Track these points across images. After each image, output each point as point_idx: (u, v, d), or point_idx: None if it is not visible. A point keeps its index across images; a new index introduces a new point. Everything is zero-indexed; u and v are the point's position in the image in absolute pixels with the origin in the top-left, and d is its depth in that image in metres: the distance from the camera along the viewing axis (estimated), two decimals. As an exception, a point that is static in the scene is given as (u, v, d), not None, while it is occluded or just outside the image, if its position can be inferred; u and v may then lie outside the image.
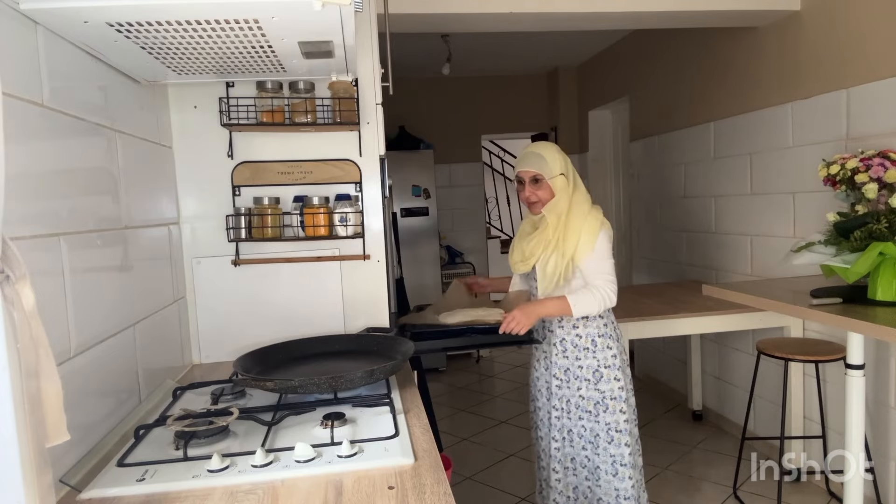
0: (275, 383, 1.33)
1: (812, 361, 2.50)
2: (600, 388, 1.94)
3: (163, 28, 1.15)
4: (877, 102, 2.43)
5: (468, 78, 5.68)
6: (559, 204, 1.92)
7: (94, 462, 1.15)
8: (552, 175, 1.91)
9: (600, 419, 1.94)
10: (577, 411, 1.96)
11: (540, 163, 1.92)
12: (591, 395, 1.95)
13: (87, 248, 1.23)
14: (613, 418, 1.94)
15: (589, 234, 1.88)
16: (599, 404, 1.95)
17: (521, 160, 1.96)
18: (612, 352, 1.97)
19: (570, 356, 1.97)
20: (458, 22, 2.90)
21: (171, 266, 1.77)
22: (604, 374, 1.95)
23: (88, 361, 1.20)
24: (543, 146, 1.96)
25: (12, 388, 0.70)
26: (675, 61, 3.90)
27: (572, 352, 1.97)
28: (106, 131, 1.37)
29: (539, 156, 1.92)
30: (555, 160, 1.92)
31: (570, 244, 1.89)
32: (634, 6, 2.80)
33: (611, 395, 1.94)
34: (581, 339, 1.97)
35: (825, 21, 2.70)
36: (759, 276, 3.15)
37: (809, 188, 2.77)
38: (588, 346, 1.96)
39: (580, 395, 1.96)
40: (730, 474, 2.87)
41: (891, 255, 1.86)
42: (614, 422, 1.94)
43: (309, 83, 1.78)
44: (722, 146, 3.45)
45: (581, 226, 1.89)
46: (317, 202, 1.82)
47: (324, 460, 1.09)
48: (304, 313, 1.89)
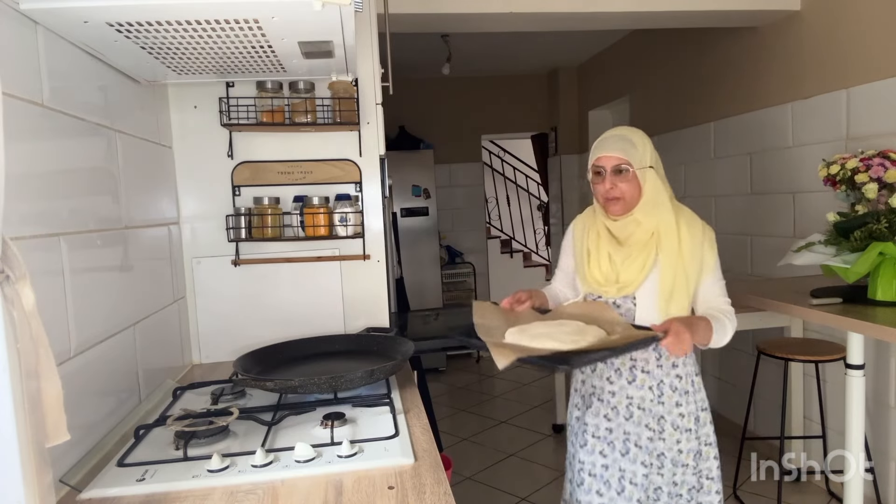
0: (275, 383, 1.33)
1: (812, 361, 2.50)
2: (699, 435, 1.57)
3: (163, 28, 1.15)
4: (877, 102, 2.43)
5: (468, 78, 5.68)
6: (661, 205, 1.51)
7: (94, 462, 1.15)
8: (642, 165, 1.50)
9: (698, 468, 1.58)
10: (674, 467, 1.55)
11: (627, 148, 1.50)
12: (691, 447, 1.56)
13: (87, 248, 1.23)
14: (707, 465, 1.59)
15: (712, 247, 1.53)
16: (698, 454, 1.58)
17: (602, 144, 1.54)
18: (705, 392, 1.61)
19: (668, 402, 1.54)
20: (458, 22, 2.90)
21: (171, 266, 1.77)
22: (701, 417, 1.57)
23: (88, 361, 1.20)
24: (630, 130, 1.57)
25: (12, 388, 0.70)
26: (675, 61, 3.90)
27: (670, 397, 1.55)
28: (106, 131, 1.37)
29: (626, 139, 1.52)
30: (645, 148, 1.53)
31: (694, 262, 1.49)
32: (634, 6, 2.80)
33: (706, 441, 1.58)
34: (681, 380, 1.55)
35: (825, 21, 2.70)
36: (759, 276, 3.15)
37: (809, 188, 2.77)
38: (689, 389, 1.56)
39: (678, 449, 1.55)
40: (730, 474, 2.87)
41: (891, 255, 1.86)
42: (707, 469, 1.59)
43: (309, 83, 1.78)
44: (722, 146, 3.45)
45: (697, 236, 1.51)
46: (317, 202, 1.82)
47: (324, 460, 1.09)
48: (304, 313, 1.89)
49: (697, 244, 1.50)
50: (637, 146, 1.51)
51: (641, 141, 1.54)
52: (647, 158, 1.51)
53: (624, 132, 1.55)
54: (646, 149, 1.53)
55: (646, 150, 1.52)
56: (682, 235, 1.49)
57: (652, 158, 1.53)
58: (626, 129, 1.58)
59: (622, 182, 1.50)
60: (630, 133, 1.55)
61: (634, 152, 1.50)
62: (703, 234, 1.51)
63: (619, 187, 1.50)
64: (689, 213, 1.55)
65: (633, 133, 1.55)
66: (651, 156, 1.53)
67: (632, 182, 1.50)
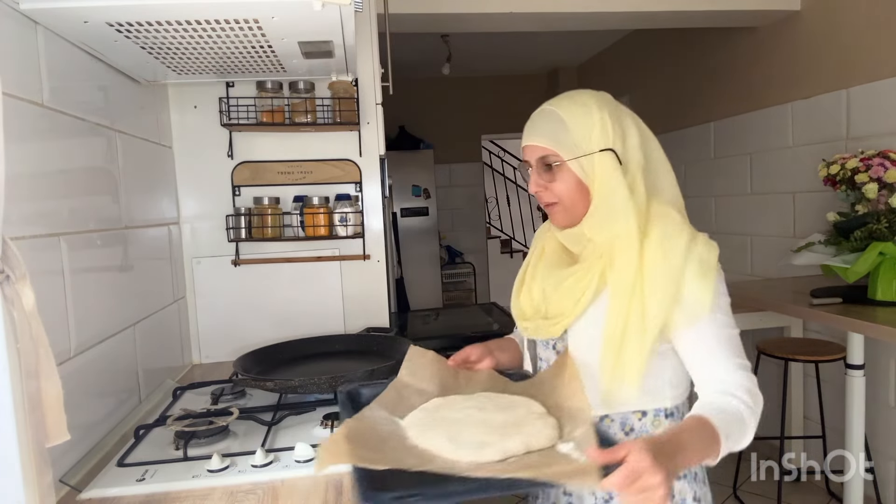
0: (275, 383, 1.33)
1: (812, 361, 2.49)
2: None
3: (163, 28, 1.15)
4: (877, 102, 2.43)
5: (468, 78, 5.68)
6: (618, 211, 1.00)
7: (94, 462, 1.15)
8: (582, 151, 1.01)
9: None
10: None
11: (555, 131, 1.02)
12: None
13: (87, 248, 1.23)
14: None
15: (703, 277, 0.96)
16: None
17: (526, 127, 1.08)
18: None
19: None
20: (458, 22, 2.90)
21: (171, 266, 1.77)
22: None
23: (88, 361, 1.20)
24: (569, 98, 1.06)
25: (12, 388, 0.70)
26: (675, 61, 3.90)
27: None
28: (106, 131, 1.37)
29: (554, 117, 1.03)
30: (589, 123, 1.01)
31: (663, 297, 0.96)
32: (634, 6, 2.80)
33: None
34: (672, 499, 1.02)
35: (825, 21, 2.70)
36: (759, 276, 3.15)
37: (809, 188, 2.77)
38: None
39: None
40: (730, 474, 2.87)
41: (891, 254, 1.86)
42: None
43: (309, 83, 1.78)
44: (722, 146, 3.45)
45: (675, 258, 0.97)
46: (317, 202, 1.82)
47: (324, 460, 1.08)
48: (304, 313, 1.89)
49: (673, 270, 0.96)
50: (571, 125, 1.01)
51: (581, 114, 1.02)
52: (593, 139, 1.01)
53: (555, 105, 1.04)
54: (590, 125, 1.01)
55: (589, 128, 1.01)
56: (646, 256, 0.98)
57: (606, 137, 1.01)
58: (562, 98, 1.06)
59: (554, 181, 1.04)
60: (565, 104, 1.04)
61: (565, 136, 1.01)
62: (687, 257, 0.96)
63: (552, 189, 1.04)
64: (672, 223, 1.00)
65: (570, 103, 1.04)
66: (603, 133, 1.01)
67: (567, 180, 1.03)
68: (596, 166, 1.01)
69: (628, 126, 1.04)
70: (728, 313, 0.99)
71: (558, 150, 1.02)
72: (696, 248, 0.98)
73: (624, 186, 1.00)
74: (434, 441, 0.86)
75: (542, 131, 1.04)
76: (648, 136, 1.07)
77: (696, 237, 1.00)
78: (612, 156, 1.01)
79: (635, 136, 1.04)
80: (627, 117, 1.06)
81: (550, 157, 1.03)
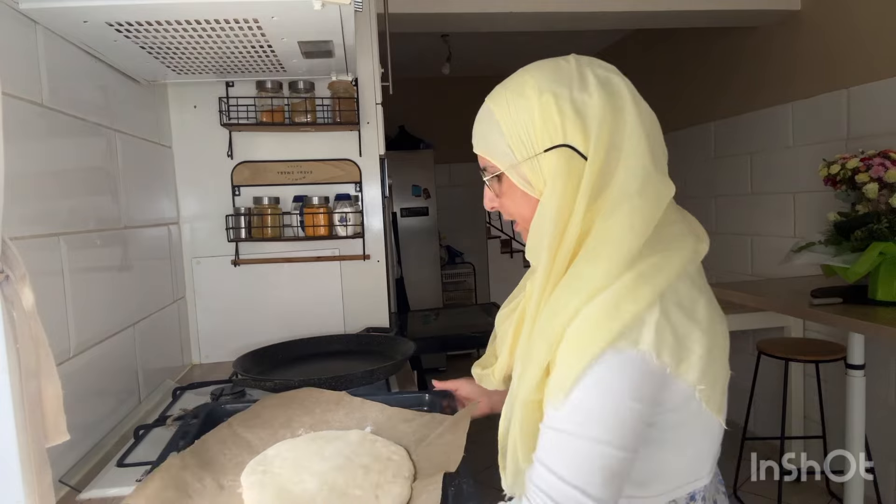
0: (275, 383, 1.33)
1: (812, 361, 2.49)
2: None
3: (163, 28, 1.15)
4: (877, 102, 2.43)
5: (468, 78, 5.67)
6: (542, 233, 0.74)
7: (94, 462, 1.15)
8: (518, 157, 0.76)
9: None
10: None
11: (485, 134, 0.80)
12: None
13: (86, 248, 1.23)
14: None
15: (570, 351, 0.69)
16: None
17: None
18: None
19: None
20: (458, 22, 2.90)
21: (171, 266, 1.77)
22: None
23: (88, 361, 1.20)
24: (504, 84, 0.79)
25: (12, 388, 0.69)
26: (675, 61, 3.90)
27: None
28: (105, 131, 1.37)
29: (487, 113, 0.80)
30: (524, 116, 0.74)
31: (535, 362, 0.73)
32: (634, 6, 2.80)
33: None
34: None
35: (825, 21, 2.70)
36: (759, 276, 3.15)
37: (809, 188, 2.77)
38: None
39: None
40: (730, 474, 2.87)
41: (891, 255, 1.86)
42: None
43: (309, 83, 1.78)
44: (722, 146, 3.45)
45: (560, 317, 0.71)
46: (317, 202, 1.82)
47: (324, 460, 1.08)
48: (304, 313, 1.89)
49: (553, 331, 0.70)
50: (504, 122, 0.76)
51: (515, 104, 0.75)
52: (535, 136, 0.74)
53: (490, 98, 0.80)
54: (527, 118, 0.74)
55: (527, 122, 0.74)
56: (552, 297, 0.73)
57: (554, 129, 0.73)
58: (499, 85, 0.80)
59: (500, 196, 0.82)
60: (498, 94, 0.79)
61: (498, 139, 0.77)
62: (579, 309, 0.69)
63: (502, 206, 0.84)
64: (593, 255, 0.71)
65: (503, 90, 0.78)
66: (547, 125, 0.73)
67: (512, 194, 0.80)
68: (544, 170, 0.74)
69: (591, 104, 0.73)
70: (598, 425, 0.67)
71: (493, 157, 0.79)
72: (595, 304, 0.68)
73: (556, 202, 0.72)
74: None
75: (477, 135, 0.82)
76: (623, 103, 0.75)
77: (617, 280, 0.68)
78: (566, 153, 0.72)
79: (602, 115, 0.72)
80: (593, 90, 0.73)
81: (489, 167, 0.81)
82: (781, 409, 2.64)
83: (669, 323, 0.69)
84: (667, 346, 0.68)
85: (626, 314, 0.67)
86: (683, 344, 0.70)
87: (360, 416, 1.10)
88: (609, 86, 0.75)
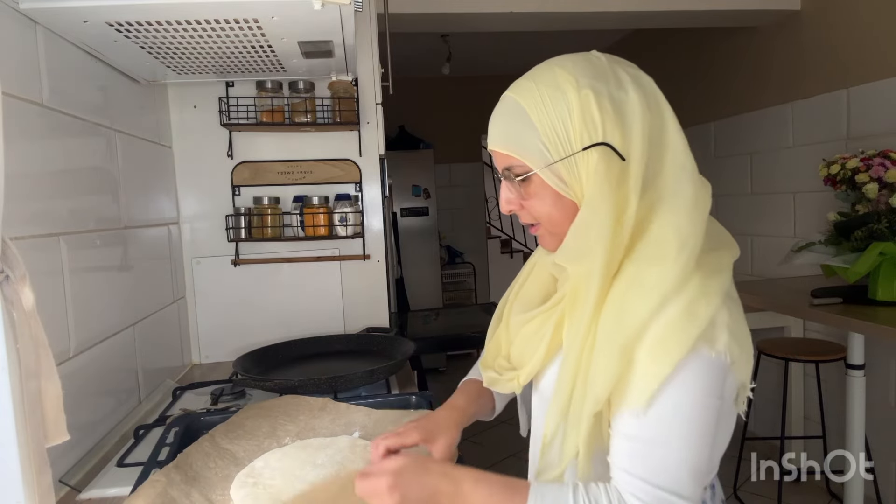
0: (275, 383, 1.33)
1: (812, 361, 2.49)
2: None
3: (163, 28, 1.15)
4: (877, 102, 2.43)
5: (468, 78, 5.68)
6: (589, 237, 0.71)
7: (94, 462, 1.15)
8: (554, 156, 0.72)
9: None
10: None
11: (518, 132, 0.75)
12: None
13: (86, 248, 1.23)
14: None
15: (653, 354, 0.67)
16: None
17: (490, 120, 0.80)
18: None
19: None
20: (458, 22, 2.90)
21: (171, 266, 1.77)
22: None
23: (88, 361, 1.20)
24: (534, 76, 0.77)
25: (12, 388, 0.69)
26: (675, 61, 3.90)
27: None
28: (106, 131, 1.37)
29: (514, 106, 0.76)
30: (560, 111, 0.71)
31: (601, 362, 0.69)
32: (634, 6, 2.80)
33: None
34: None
35: (825, 21, 2.70)
36: (759, 276, 3.15)
37: (809, 188, 2.77)
38: None
39: None
40: (730, 474, 2.87)
41: (891, 254, 1.86)
42: None
43: (309, 83, 1.78)
44: (722, 146, 3.45)
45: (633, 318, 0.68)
46: (317, 202, 1.82)
47: (324, 460, 1.08)
48: (304, 313, 1.89)
49: (625, 333, 0.68)
50: (536, 118, 0.72)
51: (551, 99, 0.72)
52: (572, 133, 0.71)
53: (516, 91, 0.76)
54: (564, 114, 0.71)
55: (563, 118, 0.71)
56: (606, 306, 0.71)
57: (593, 126, 0.70)
58: (527, 78, 0.77)
59: (529, 197, 0.77)
60: (527, 88, 0.75)
61: (530, 135, 0.73)
62: (653, 316, 0.67)
63: (527, 208, 0.78)
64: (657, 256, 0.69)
65: (534, 84, 0.74)
66: (585, 122, 0.70)
67: (542, 195, 0.75)
68: (581, 170, 0.71)
69: (629, 102, 0.70)
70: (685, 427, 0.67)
71: (522, 156, 0.73)
72: (671, 308, 0.66)
73: (608, 200, 0.69)
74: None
75: (501, 131, 0.76)
76: (661, 105, 0.73)
77: (688, 282, 0.67)
78: (606, 152, 0.69)
79: (640, 114, 0.70)
80: (629, 88, 0.71)
81: (516, 166, 0.75)
82: (781, 409, 2.64)
83: (734, 322, 0.71)
84: (736, 345, 0.70)
85: (703, 318, 0.67)
86: (742, 343, 0.71)
87: (346, 422, 1.10)
88: (641, 84, 0.73)
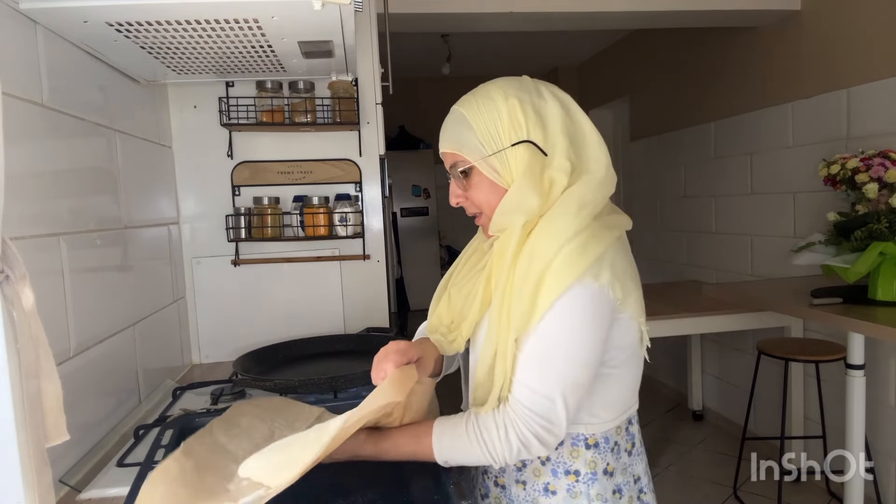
0: (275, 383, 1.33)
1: (812, 361, 2.49)
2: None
3: (163, 28, 1.15)
4: (877, 102, 2.43)
5: (468, 78, 5.66)
6: (518, 209, 0.87)
7: (94, 462, 1.15)
8: (487, 151, 0.89)
9: None
10: None
11: (461, 133, 0.92)
12: None
13: (86, 248, 1.23)
14: None
15: (553, 282, 0.82)
16: None
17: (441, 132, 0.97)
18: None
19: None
20: (458, 22, 2.90)
21: (171, 266, 1.77)
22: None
23: (88, 361, 1.20)
24: (474, 92, 0.95)
25: (12, 388, 0.69)
26: (675, 61, 3.90)
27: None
28: (105, 131, 1.37)
29: (458, 115, 0.93)
30: (492, 116, 0.89)
31: (519, 300, 0.84)
32: (634, 6, 2.80)
33: None
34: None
35: (825, 21, 2.70)
36: (759, 276, 3.15)
37: (809, 188, 2.77)
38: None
39: None
40: (730, 474, 2.87)
41: (891, 254, 1.86)
42: None
43: (309, 83, 1.78)
44: (722, 146, 3.45)
45: (545, 251, 0.84)
46: (317, 202, 1.82)
47: (324, 460, 1.08)
48: (304, 313, 1.89)
49: (535, 267, 0.83)
50: (475, 121, 0.90)
51: (485, 107, 0.89)
52: (502, 133, 0.88)
53: (460, 103, 0.95)
54: (495, 118, 0.88)
55: (495, 121, 0.88)
56: (525, 249, 0.86)
57: (518, 127, 0.87)
58: (468, 94, 0.95)
59: (470, 188, 0.94)
60: (468, 100, 0.93)
61: (469, 135, 0.90)
62: (558, 251, 0.82)
63: (470, 199, 0.95)
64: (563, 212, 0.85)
65: (473, 97, 0.93)
66: (513, 123, 0.88)
67: (480, 185, 0.92)
68: (511, 163, 0.88)
69: (548, 109, 0.90)
70: (567, 337, 0.83)
71: (463, 152, 0.91)
72: (568, 246, 0.82)
73: (531, 183, 0.86)
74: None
75: (448, 134, 0.94)
76: (576, 113, 0.93)
77: (585, 230, 0.84)
78: (530, 148, 0.87)
79: (558, 118, 0.89)
80: (548, 99, 0.91)
81: (459, 162, 0.93)
82: (781, 409, 2.64)
83: (619, 265, 0.87)
84: (618, 284, 0.85)
85: (592, 253, 0.83)
86: (626, 284, 0.87)
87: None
88: (559, 97, 0.93)
